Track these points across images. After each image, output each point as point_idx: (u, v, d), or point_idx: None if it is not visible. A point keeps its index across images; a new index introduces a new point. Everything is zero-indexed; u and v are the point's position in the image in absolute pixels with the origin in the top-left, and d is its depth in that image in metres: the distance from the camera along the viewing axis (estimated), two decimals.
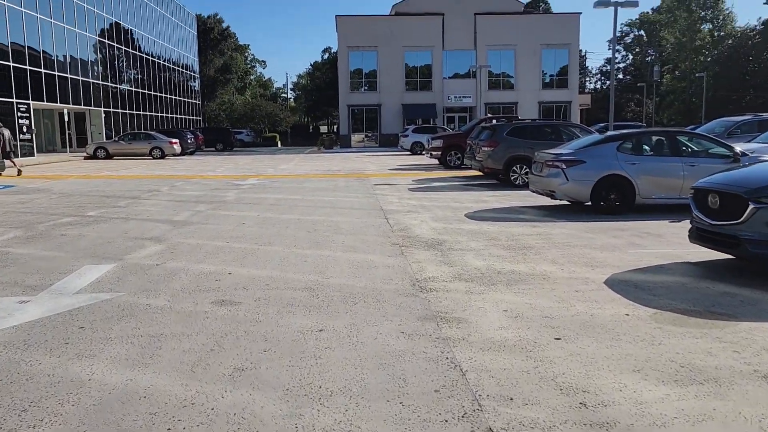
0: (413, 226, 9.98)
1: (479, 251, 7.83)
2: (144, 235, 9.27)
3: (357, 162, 29.30)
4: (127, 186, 17.55)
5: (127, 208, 12.65)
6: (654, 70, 77.74)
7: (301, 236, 9.08)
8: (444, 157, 23.68)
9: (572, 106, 49.37)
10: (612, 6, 20.76)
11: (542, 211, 11.54)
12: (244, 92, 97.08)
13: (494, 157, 16.09)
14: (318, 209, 12.13)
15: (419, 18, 48.04)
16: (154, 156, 33.61)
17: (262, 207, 12.52)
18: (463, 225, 9.97)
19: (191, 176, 21.17)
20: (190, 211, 11.94)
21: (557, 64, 49.32)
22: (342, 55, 48.75)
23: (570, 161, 10.85)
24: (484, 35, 48.15)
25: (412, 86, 49.09)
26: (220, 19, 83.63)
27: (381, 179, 19.15)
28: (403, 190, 15.62)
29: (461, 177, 19.59)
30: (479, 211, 11.65)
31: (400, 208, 12.13)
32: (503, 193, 14.73)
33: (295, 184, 17.87)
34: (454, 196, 14.27)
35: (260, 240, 8.79)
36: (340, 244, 8.47)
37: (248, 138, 61.38)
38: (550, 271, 6.66)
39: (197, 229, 9.86)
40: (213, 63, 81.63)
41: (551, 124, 16.81)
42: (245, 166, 27.49)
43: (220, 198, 14.26)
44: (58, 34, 36.34)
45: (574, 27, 48.60)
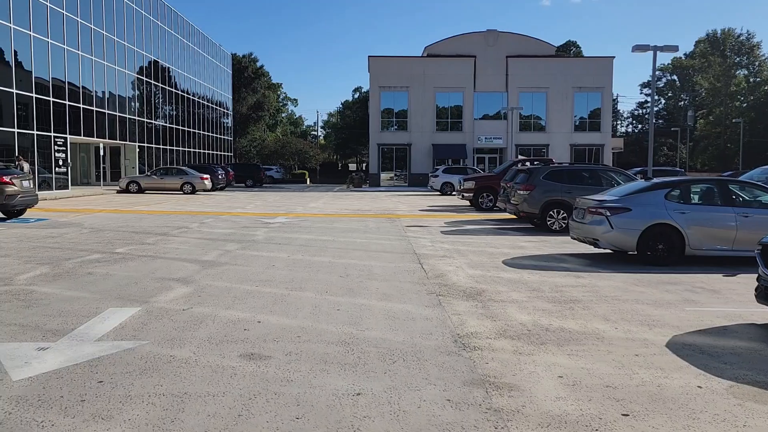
0: (449, 272, 9.53)
1: (522, 303, 7.34)
2: (171, 276, 8.98)
3: (387, 202, 29.04)
4: (157, 222, 17.47)
5: (156, 245, 12.45)
6: (688, 114, 76.97)
7: (333, 281, 8.70)
8: (476, 199, 23.26)
9: (605, 149, 48.73)
10: (651, 50, 20.42)
11: (584, 259, 11.00)
12: (275, 129, 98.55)
13: (530, 200, 15.62)
14: (350, 252, 11.77)
15: (451, 60, 48.31)
16: (185, 191, 33.83)
17: (292, 248, 12.21)
18: (501, 273, 9.49)
19: (221, 213, 21.08)
20: (218, 251, 11.68)
21: (589, 107, 48.92)
22: (374, 94, 49.11)
23: (615, 208, 10.35)
24: (515, 77, 48.14)
25: (443, 126, 49.09)
26: (254, 58, 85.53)
27: (412, 220, 18.79)
28: (435, 233, 15.21)
29: (494, 220, 19.11)
30: (517, 257, 11.16)
31: (434, 253, 11.70)
32: (540, 238, 14.21)
33: (325, 223, 17.60)
34: (489, 240, 13.80)
35: (291, 284, 8.43)
36: (374, 291, 8.06)
37: (278, 175, 61.82)
38: (603, 330, 6.14)
39: (226, 270, 9.55)
40: (246, 100, 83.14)
41: (590, 168, 16.34)
42: (274, 203, 27.41)
43: (250, 237, 14.01)
44: (98, 70, 37.29)
45: (607, 71, 48.34)
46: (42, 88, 31.21)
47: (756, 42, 75.59)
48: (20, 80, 29.44)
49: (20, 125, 29.27)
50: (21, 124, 29.37)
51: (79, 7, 34.90)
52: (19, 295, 7.60)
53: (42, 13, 31.17)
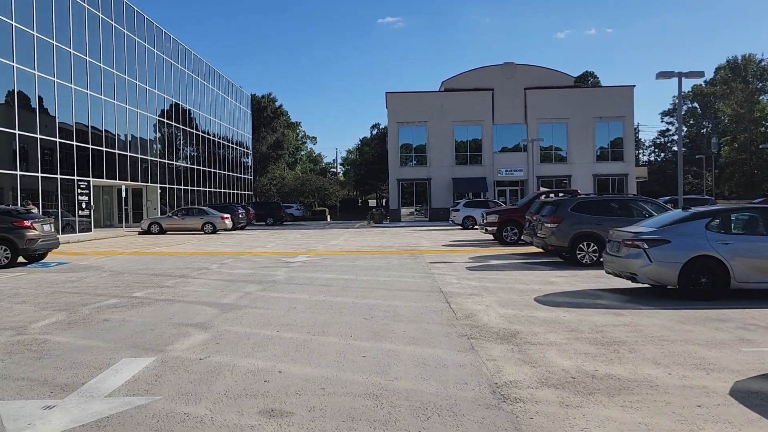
0: (479, 312, 9.03)
1: (562, 346, 6.81)
2: (189, 321, 8.61)
3: (408, 237, 28.62)
4: (177, 263, 17.23)
5: (175, 288, 12.14)
6: (712, 142, 75.86)
7: (357, 324, 8.25)
8: (500, 233, 22.73)
9: (629, 178, 47.95)
10: (675, 77, 19.99)
11: (622, 295, 10.43)
12: (294, 167, 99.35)
13: (558, 233, 15.10)
14: (373, 291, 11.32)
15: (468, 93, 48.30)
16: (206, 231, 33.78)
17: (314, 288, 11.81)
18: (535, 312, 8.97)
19: (241, 252, 20.82)
20: (238, 293, 11.31)
21: (611, 137, 48.34)
22: (392, 130, 49.16)
23: (653, 240, 9.82)
24: (534, 109, 47.91)
25: (462, 160, 48.81)
26: (273, 98, 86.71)
27: (436, 256, 18.31)
28: (460, 269, 14.71)
29: (520, 254, 18.56)
30: (550, 294, 10.62)
31: (461, 291, 11.21)
32: (571, 273, 13.64)
33: (347, 261, 17.20)
34: (518, 276, 13.27)
35: (313, 328, 8.00)
36: (401, 334, 7.59)
37: (298, 212, 61.86)
38: (656, 377, 5.60)
39: (245, 314, 9.16)
40: (266, 139, 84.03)
41: (619, 199, 15.80)
42: (295, 241, 27.14)
43: (270, 277, 13.65)
44: (120, 114, 37.86)
45: (627, 99, 47.89)
46: (66, 132, 31.66)
47: None
48: (45, 126, 29.89)
49: (44, 170, 29.59)
50: (45, 168, 29.70)
51: (102, 53, 35.63)
52: (32, 345, 7.28)
53: (66, 59, 31.82)
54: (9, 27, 27.34)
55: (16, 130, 27.74)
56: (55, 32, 30.75)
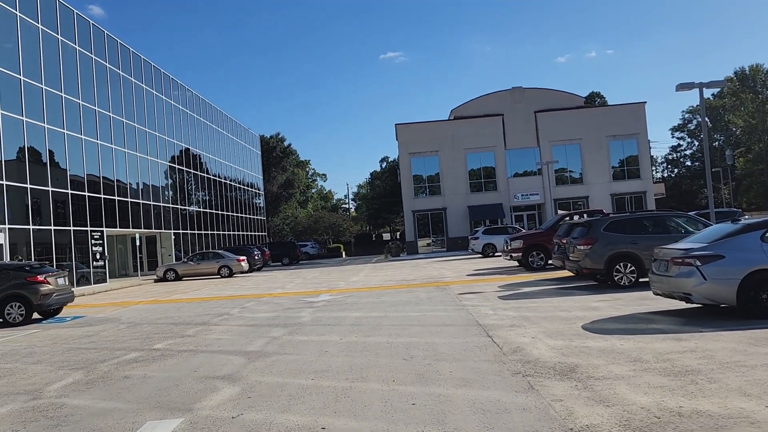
0: (526, 345, 8.35)
1: (630, 380, 6.12)
2: (216, 373, 8.00)
3: (429, 269, 27.93)
4: (196, 310, 16.66)
5: (197, 337, 11.54)
6: (726, 154, 74.94)
7: (397, 366, 7.60)
8: (526, 259, 22.01)
9: (647, 196, 47.15)
10: (696, 87, 19.48)
11: (675, 317, 9.70)
12: (306, 205, 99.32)
13: (593, 255, 14.40)
14: (406, 328, 10.66)
15: (478, 120, 48.05)
16: (223, 275, 33.29)
17: (343, 329, 11.17)
18: (587, 341, 8.27)
19: (261, 295, 20.23)
20: (264, 338, 10.69)
21: (626, 154, 47.74)
22: (404, 161, 48.86)
23: (706, 257, 9.13)
24: (546, 132, 47.51)
25: (477, 187, 48.30)
26: (282, 137, 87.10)
27: (463, 287, 17.63)
28: (493, 299, 14.02)
29: (551, 279, 17.83)
30: (597, 321, 9.91)
31: (500, 322, 10.52)
32: (612, 296, 12.92)
33: (372, 298, 16.56)
34: (556, 303, 12.56)
35: (351, 374, 7.36)
36: (447, 375, 6.93)
37: (313, 250, 61.40)
38: (751, 410, 4.90)
39: (275, 361, 8.53)
40: (276, 179, 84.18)
41: (653, 216, 15.11)
42: (314, 280, 26.54)
43: (295, 320, 13.03)
44: (131, 162, 37.86)
45: (640, 116, 47.40)
46: (77, 183, 31.55)
47: None
48: (56, 179, 29.79)
49: (57, 222, 29.37)
50: (58, 221, 29.48)
51: (110, 103, 35.79)
52: (47, 411, 6.69)
53: (74, 111, 31.90)
54: (17, 81, 27.45)
55: (27, 184, 27.63)
56: (63, 84, 30.89)
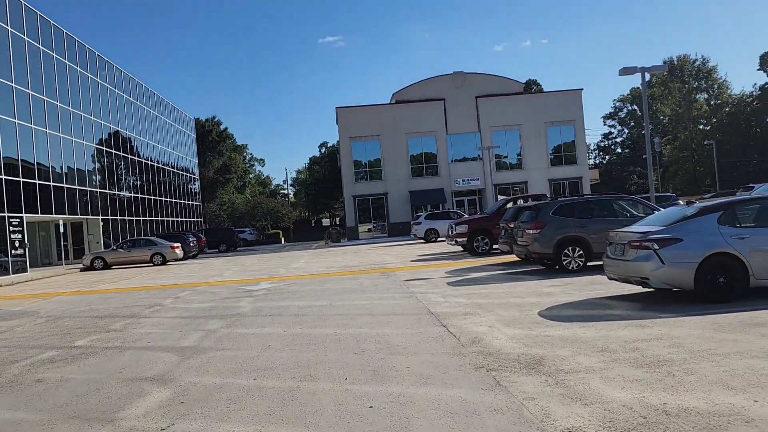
0: (484, 335, 7.86)
1: (603, 372, 5.69)
2: (144, 374, 7.12)
3: (372, 255, 27.37)
4: (125, 301, 15.47)
5: (124, 331, 10.53)
6: (655, 141, 77.58)
7: (349, 361, 6.95)
8: (471, 244, 21.74)
9: (583, 181, 48.13)
10: (638, 72, 19.57)
11: (630, 302, 9.45)
12: (243, 191, 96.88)
13: (542, 240, 14.14)
14: (355, 319, 10.02)
15: (420, 104, 47.68)
16: (155, 263, 31.70)
17: (287, 319, 10.42)
18: (548, 330, 7.85)
19: (197, 284, 19.14)
20: (200, 332, 9.82)
21: (563, 140, 48.50)
22: (344, 146, 48.00)
23: (664, 240, 8.88)
24: (487, 117, 47.63)
25: (418, 172, 48.04)
26: (218, 121, 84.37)
27: (409, 273, 17.12)
28: (442, 286, 13.56)
29: (498, 264, 17.56)
30: (553, 308, 9.55)
31: (453, 310, 10.03)
32: (562, 281, 12.67)
33: (315, 285, 15.82)
34: (507, 289, 12.20)
35: (297, 372, 6.65)
36: (405, 371, 6.33)
37: (251, 236, 59.88)
38: (742, 406, 4.52)
39: (212, 358, 7.72)
40: (212, 164, 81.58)
41: (601, 199, 14.96)
42: (253, 267, 25.52)
43: (234, 310, 12.16)
44: (54, 144, 35.42)
45: (576, 103, 48.19)
46: None
47: (712, 66, 77.37)
48: None
49: None
50: None
51: (29, 80, 33.24)
52: None
53: None
54: None
55: None
56: None
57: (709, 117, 77.95)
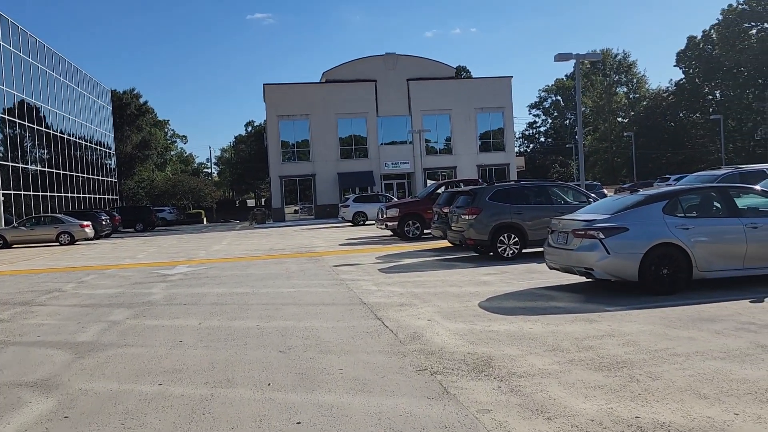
0: (424, 329, 7.18)
1: (560, 377, 5.11)
2: (26, 377, 5.99)
3: (299, 237, 26.35)
4: (19, 285, 13.86)
5: (12, 322, 9.18)
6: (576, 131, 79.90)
7: (273, 362, 6.08)
8: (401, 228, 21.13)
9: (510, 168, 48.66)
10: (573, 59, 19.42)
11: (572, 293, 9.03)
12: (164, 168, 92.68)
13: (478, 226, 13.64)
14: (280, 309, 9.12)
15: (351, 85, 46.61)
16: (62, 242, 29.37)
17: (203, 309, 9.38)
18: (492, 324, 7.26)
19: (105, 266, 17.58)
20: (101, 324, 8.64)
21: (492, 127, 48.78)
22: (271, 124, 46.33)
23: (610, 229, 8.47)
24: (418, 100, 47.17)
25: (347, 154, 47.09)
26: (137, 94, 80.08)
27: (338, 258, 16.31)
28: (373, 272, 12.83)
29: (430, 250, 17.02)
30: (493, 298, 9.00)
31: (387, 300, 9.31)
32: (498, 269, 12.21)
33: (237, 270, 14.73)
34: (443, 277, 11.61)
35: (212, 374, 5.73)
36: (337, 374, 5.54)
37: (171, 216, 57.16)
38: (724, 421, 4.00)
39: (111, 357, 6.65)
40: (130, 139, 77.41)
41: (537, 186, 14.62)
42: (171, 248, 23.96)
43: (144, 297, 10.97)
44: None
45: (506, 90, 48.48)
46: None
47: (632, 61, 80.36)
48: None
49: None
50: None
51: None
52: None
53: None
54: None
55: None
56: None
57: (628, 110, 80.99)
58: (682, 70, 71.28)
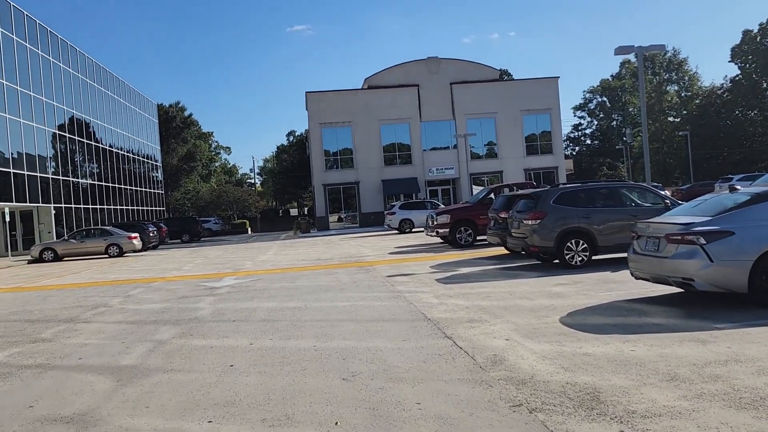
0: (504, 352, 6.26)
1: (696, 418, 4.13)
2: (62, 411, 5.32)
3: (346, 246, 25.65)
4: (65, 301, 13.47)
5: (54, 341, 8.64)
6: (626, 133, 77.45)
7: (336, 393, 5.26)
8: (453, 235, 20.18)
9: (558, 171, 47.08)
10: (635, 51, 18.23)
11: (666, 307, 7.96)
12: (209, 180, 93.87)
13: (542, 231, 12.61)
14: (336, 326, 8.32)
15: (393, 90, 45.92)
16: (111, 254, 29.41)
17: (253, 327, 8.66)
18: (583, 345, 6.28)
19: (152, 279, 17.17)
20: (147, 343, 8.00)
21: (539, 129, 47.32)
22: (314, 132, 45.99)
23: (712, 233, 7.40)
24: (462, 104, 46.14)
25: (391, 161, 46.34)
26: (182, 107, 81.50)
27: (390, 267, 15.47)
28: (431, 283, 11.94)
29: (487, 258, 16.04)
30: (574, 313, 8.00)
31: (453, 316, 8.41)
32: (569, 278, 11.17)
33: (286, 282, 14.05)
34: (508, 288, 10.63)
35: (268, 410, 4.94)
36: (415, 410, 4.68)
37: (216, 226, 57.47)
38: None
39: (156, 385, 5.94)
40: (176, 152, 78.66)
41: (606, 186, 13.48)
42: (217, 259, 23.57)
43: (191, 313, 10.34)
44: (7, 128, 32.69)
45: (553, 91, 47.01)
46: None
47: (683, 58, 77.37)
48: None
49: None
50: None
51: None
52: None
53: None
54: None
55: None
56: None
57: (680, 109, 78.03)
58: (738, 65, 68.28)
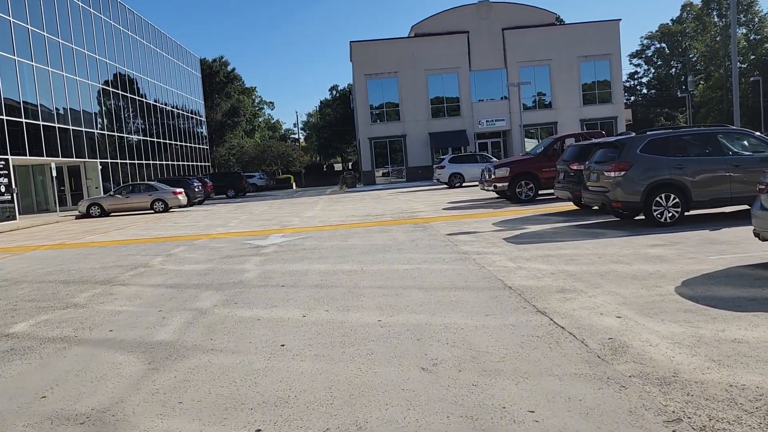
0: (621, 334, 4.97)
1: None
2: (77, 406, 4.32)
3: (396, 201, 24.45)
4: (105, 259, 12.72)
5: (87, 307, 7.76)
6: (688, 80, 72.81)
7: (417, 389, 4.10)
8: (512, 190, 18.73)
9: (618, 121, 44.46)
10: None
11: None
12: (253, 135, 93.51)
13: (627, 185, 11.07)
14: (401, 295, 7.15)
15: (441, 38, 43.74)
16: (156, 209, 29.02)
17: (305, 294, 7.57)
18: (725, 327, 4.94)
19: (196, 236, 16.37)
20: (186, 313, 7.01)
21: (597, 77, 44.58)
22: (359, 84, 44.40)
23: None
24: (514, 51, 43.68)
25: (439, 113, 44.52)
26: (225, 61, 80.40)
27: (448, 225, 14.20)
28: (500, 243, 10.63)
29: (555, 215, 14.59)
30: (690, 282, 6.61)
31: (539, 284, 7.13)
32: (663, 238, 9.69)
33: (337, 240, 12.95)
34: (593, 249, 9.24)
35: (333, 415, 3.81)
36: (531, 423, 3.48)
37: (261, 181, 57.06)
38: None
39: (193, 371, 4.90)
40: (220, 107, 78.11)
41: (702, 132, 11.74)
42: (262, 215, 22.73)
43: (236, 276, 9.34)
44: (42, 81, 32.30)
45: (613, 35, 43.98)
46: None
47: None
48: None
49: None
50: None
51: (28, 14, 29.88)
52: None
53: None
54: None
55: None
56: None
57: (747, 53, 72.85)
58: None
